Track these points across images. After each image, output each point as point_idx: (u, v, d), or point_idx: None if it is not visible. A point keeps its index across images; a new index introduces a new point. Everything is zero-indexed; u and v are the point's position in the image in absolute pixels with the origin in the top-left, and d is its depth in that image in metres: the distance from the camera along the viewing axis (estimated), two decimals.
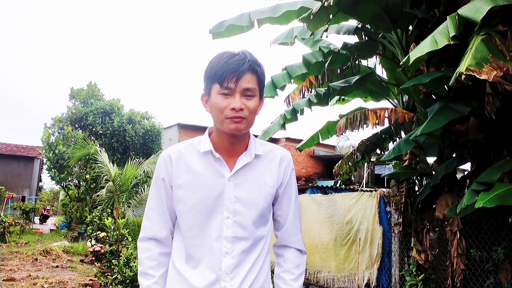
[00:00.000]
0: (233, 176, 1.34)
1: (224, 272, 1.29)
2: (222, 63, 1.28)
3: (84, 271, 7.55)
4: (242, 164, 1.35)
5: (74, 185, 16.86)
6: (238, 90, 1.27)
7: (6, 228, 11.02)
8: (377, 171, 14.71)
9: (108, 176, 9.51)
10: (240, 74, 1.27)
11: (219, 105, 1.28)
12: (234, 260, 1.31)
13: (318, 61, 4.98)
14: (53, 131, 16.81)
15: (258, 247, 1.36)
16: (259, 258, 1.36)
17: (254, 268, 1.35)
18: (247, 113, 1.29)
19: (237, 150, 1.37)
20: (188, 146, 1.39)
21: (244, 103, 1.28)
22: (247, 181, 1.35)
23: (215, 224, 1.32)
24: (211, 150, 1.35)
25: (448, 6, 3.89)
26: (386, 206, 5.43)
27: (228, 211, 1.32)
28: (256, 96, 1.32)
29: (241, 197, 1.33)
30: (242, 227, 1.33)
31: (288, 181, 1.44)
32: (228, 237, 1.31)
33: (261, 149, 1.41)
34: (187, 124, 18.52)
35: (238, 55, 1.30)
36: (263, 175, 1.38)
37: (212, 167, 1.35)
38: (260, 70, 1.33)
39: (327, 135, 6.44)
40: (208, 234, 1.32)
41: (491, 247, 4.04)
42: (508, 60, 2.80)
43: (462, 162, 4.54)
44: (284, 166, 1.42)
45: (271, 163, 1.41)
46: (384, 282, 5.31)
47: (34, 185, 23.94)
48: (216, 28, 5.22)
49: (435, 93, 4.57)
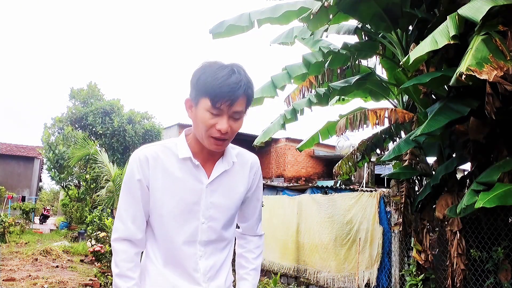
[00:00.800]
0: (210, 183, 1.36)
1: (202, 274, 1.35)
2: (218, 83, 1.23)
3: (84, 271, 7.55)
4: (220, 172, 1.37)
5: (74, 185, 16.86)
6: (229, 113, 1.27)
7: (6, 228, 11.01)
8: (377, 171, 14.70)
9: (108, 176, 9.52)
10: (235, 99, 1.25)
11: (206, 123, 1.26)
12: (208, 262, 1.36)
13: (318, 61, 4.98)
14: (53, 131, 16.81)
15: (227, 247, 1.43)
16: (228, 257, 1.44)
17: (225, 266, 1.43)
18: (231, 134, 1.30)
19: (215, 156, 1.39)
20: (164, 149, 1.36)
21: (231, 125, 1.28)
22: (222, 187, 1.38)
23: (190, 229, 1.34)
24: (190, 157, 1.34)
25: (448, 6, 3.89)
26: (386, 206, 5.43)
27: (204, 216, 1.35)
28: (242, 117, 1.32)
29: (216, 203, 1.37)
30: (214, 231, 1.37)
31: (257, 185, 1.50)
32: (202, 241, 1.36)
33: (234, 154, 1.43)
34: (187, 124, 18.48)
35: (234, 75, 1.25)
36: (236, 181, 1.42)
37: (190, 173, 1.35)
38: (251, 92, 1.31)
39: (327, 135, 6.44)
40: (182, 238, 1.34)
41: (491, 247, 4.04)
42: (508, 60, 2.80)
43: (462, 162, 4.54)
44: (254, 171, 1.47)
45: (242, 168, 1.44)
46: (384, 282, 5.31)
47: (34, 185, 23.94)
48: (216, 28, 5.22)
49: (435, 93, 4.57)
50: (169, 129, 19.15)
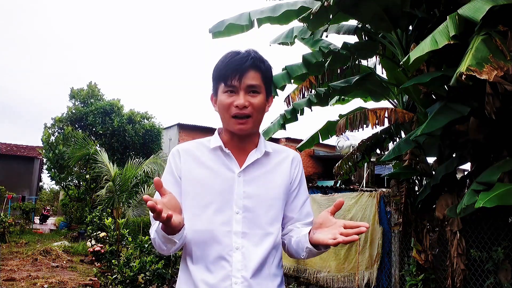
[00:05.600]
0: (243, 172, 1.34)
1: (235, 268, 1.27)
2: (226, 62, 1.30)
3: (84, 271, 7.55)
4: (252, 160, 1.35)
5: (74, 185, 16.84)
6: (242, 87, 1.28)
7: (6, 228, 11.02)
8: (377, 171, 14.70)
9: (108, 176, 9.53)
10: (243, 71, 1.28)
11: (224, 103, 1.30)
12: (245, 255, 1.29)
13: (318, 61, 4.97)
14: (53, 131, 16.80)
15: (267, 243, 1.33)
16: (270, 254, 1.33)
17: (265, 263, 1.32)
18: (252, 110, 1.30)
19: (247, 147, 1.38)
20: (197, 144, 1.42)
21: (249, 100, 1.29)
22: (258, 178, 1.36)
23: (224, 219, 1.31)
24: (221, 146, 1.35)
25: (448, 6, 3.89)
26: (386, 206, 5.43)
27: (238, 206, 1.32)
28: (261, 93, 1.32)
29: (251, 193, 1.33)
30: (252, 222, 1.32)
31: (300, 179, 1.45)
32: (238, 232, 1.30)
33: (271, 148, 1.42)
34: (187, 124, 18.51)
35: (241, 53, 1.31)
36: (273, 173, 1.38)
37: (221, 162, 1.35)
38: (264, 67, 1.33)
39: (327, 135, 6.43)
40: (217, 228, 1.30)
41: (491, 247, 4.04)
42: (508, 60, 2.80)
43: (462, 162, 4.54)
44: (295, 165, 1.43)
45: (282, 162, 1.41)
46: (384, 282, 5.30)
47: (34, 185, 23.92)
48: (216, 27, 5.22)
49: (435, 93, 4.57)
50: (169, 129, 19.16)
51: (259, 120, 1.36)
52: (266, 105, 1.37)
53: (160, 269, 4.80)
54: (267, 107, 1.38)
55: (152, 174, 11.07)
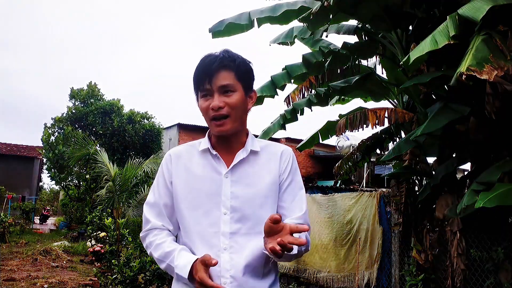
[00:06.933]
0: (230, 173, 1.35)
1: (223, 269, 1.28)
2: (197, 66, 1.34)
3: (84, 271, 7.55)
4: (238, 160, 1.36)
5: (74, 185, 16.83)
6: (215, 89, 1.31)
7: (6, 228, 11.01)
8: (377, 171, 14.69)
9: (108, 176, 9.52)
10: (213, 73, 1.30)
11: (202, 107, 1.34)
12: (232, 256, 1.30)
13: (318, 61, 4.97)
14: (53, 131, 16.78)
15: (256, 242, 1.31)
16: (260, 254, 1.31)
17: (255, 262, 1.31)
18: (229, 110, 1.31)
19: (235, 148, 1.39)
20: (189, 147, 1.45)
21: (224, 101, 1.30)
22: (245, 177, 1.36)
23: (212, 220, 1.32)
24: (209, 148, 1.38)
25: (448, 6, 3.89)
26: (386, 206, 5.42)
27: (225, 207, 1.33)
28: (237, 91, 1.32)
29: (238, 193, 1.34)
30: (240, 223, 1.32)
31: (290, 172, 1.41)
32: (225, 233, 1.31)
33: (259, 145, 1.41)
34: (187, 124, 18.50)
35: (211, 56, 1.33)
36: (262, 172, 1.38)
37: (210, 164, 1.37)
38: (235, 65, 1.32)
39: (327, 135, 6.43)
40: (205, 230, 1.32)
41: (491, 247, 4.04)
42: (508, 60, 2.80)
43: (462, 162, 4.54)
44: (284, 158, 1.41)
45: (271, 159, 1.41)
46: (384, 282, 5.30)
47: (34, 185, 23.92)
48: (215, 27, 5.22)
49: (435, 93, 4.57)
50: (169, 129, 19.13)
51: (240, 118, 1.35)
52: (247, 101, 1.37)
53: (160, 269, 4.80)
54: (249, 104, 1.39)
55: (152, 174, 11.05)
